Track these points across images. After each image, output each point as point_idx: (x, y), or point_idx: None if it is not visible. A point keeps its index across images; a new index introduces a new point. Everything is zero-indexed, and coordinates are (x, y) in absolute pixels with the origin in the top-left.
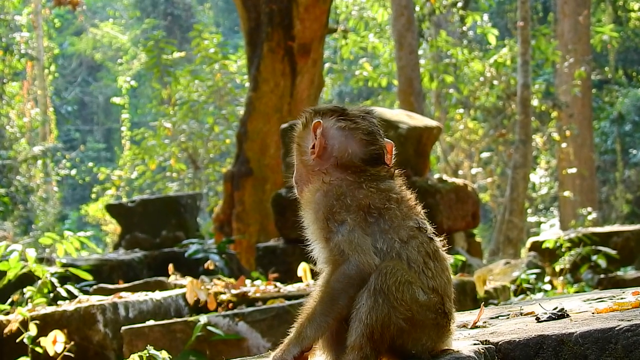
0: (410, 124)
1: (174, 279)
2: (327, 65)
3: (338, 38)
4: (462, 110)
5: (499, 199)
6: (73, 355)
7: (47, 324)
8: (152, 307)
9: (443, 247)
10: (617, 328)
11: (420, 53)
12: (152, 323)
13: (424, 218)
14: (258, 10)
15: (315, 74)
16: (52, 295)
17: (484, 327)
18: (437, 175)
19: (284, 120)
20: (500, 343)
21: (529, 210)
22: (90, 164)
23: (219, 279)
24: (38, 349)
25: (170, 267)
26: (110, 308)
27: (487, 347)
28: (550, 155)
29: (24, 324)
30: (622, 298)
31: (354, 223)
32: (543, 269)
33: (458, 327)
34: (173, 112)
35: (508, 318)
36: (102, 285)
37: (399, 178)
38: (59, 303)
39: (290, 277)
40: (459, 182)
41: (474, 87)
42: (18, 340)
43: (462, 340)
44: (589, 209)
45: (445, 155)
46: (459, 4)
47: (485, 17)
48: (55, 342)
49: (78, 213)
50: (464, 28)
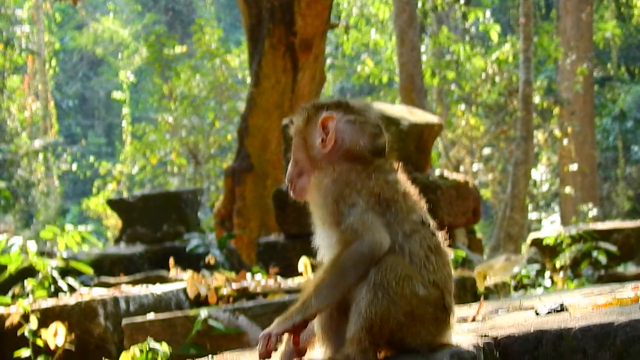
0: (412, 120)
1: (175, 273)
2: (328, 61)
3: (340, 34)
4: (463, 107)
5: (500, 196)
6: (74, 349)
7: (48, 317)
8: (152, 301)
9: (444, 242)
10: (616, 323)
11: (422, 49)
12: (152, 317)
13: (427, 213)
14: (259, 6)
15: (317, 70)
16: (53, 289)
17: (484, 321)
18: (438, 172)
19: (285, 116)
20: (500, 337)
21: (530, 207)
22: (91, 159)
23: (220, 274)
24: (39, 342)
25: (171, 261)
26: (111, 302)
27: (486, 341)
28: (552, 152)
29: (25, 317)
30: (621, 293)
31: (367, 206)
32: (543, 265)
33: (458, 321)
34: (174, 107)
35: (508, 312)
36: (103, 279)
37: (403, 173)
38: (60, 296)
39: (291, 272)
40: (460, 178)
41: (476, 83)
42: (19, 333)
43: (461, 335)
44: (590, 206)
45: (447, 152)
46: (461, 1)
47: (488, 13)
48: (56, 335)
49: (79, 207)
50: (466, 24)
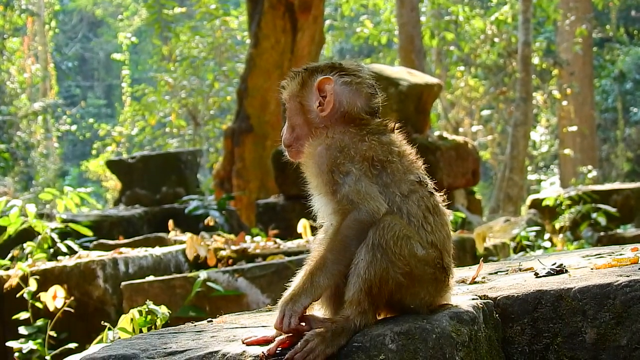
0: (411, 81)
1: (174, 235)
2: (327, 22)
3: None
4: (462, 68)
5: (500, 157)
6: (73, 311)
7: (47, 280)
8: (152, 262)
9: (443, 202)
10: (615, 283)
11: (422, 10)
12: (151, 279)
13: (425, 173)
14: None
15: (316, 31)
16: (52, 251)
17: (483, 282)
18: (437, 133)
19: (285, 77)
20: (499, 298)
21: (529, 168)
22: (91, 120)
23: (219, 235)
24: (38, 304)
25: (170, 223)
26: (110, 264)
27: (485, 302)
28: (551, 113)
29: (24, 279)
30: (621, 254)
31: (360, 173)
32: (543, 227)
33: (457, 282)
34: (173, 68)
35: (507, 274)
36: (102, 241)
37: (399, 133)
38: (59, 258)
39: (290, 233)
40: (460, 139)
41: (475, 44)
42: (18, 295)
43: (460, 295)
44: (589, 167)
45: (446, 113)
46: None
47: None
48: (55, 297)
49: (78, 169)
50: None
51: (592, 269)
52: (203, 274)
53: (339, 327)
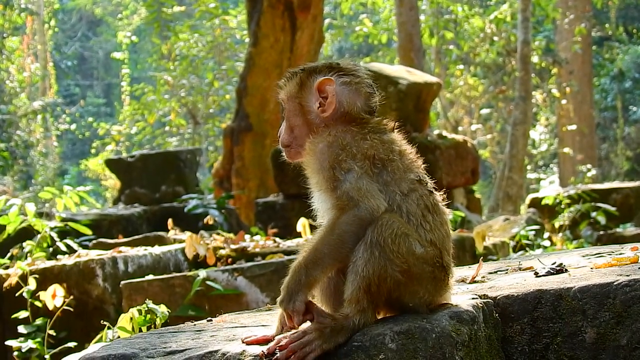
0: (410, 80)
1: (173, 234)
2: (327, 21)
3: None
4: (462, 67)
5: (499, 156)
6: (72, 309)
7: (46, 278)
8: (151, 261)
9: (442, 201)
10: (615, 283)
11: (421, 9)
12: (151, 277)
13: (424, 172)
14: None
15: (315, 30)
16: (51, 250)
17: (483, 281)
18: (436, 132)
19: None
20: (499, 297)
21: (529, 167)
22: (90, 119)
23: (218, 234)
24: (37, 303)
25: (170, 222)
26: (110, 262)
27: (485, 301)
28: (550, 112)
29: (24, 278)
30: (621, 253)
31: (361, 171)
32: (542, 226)
33: (457, 281)
34: (173, 67)
35: (507, 273)
36: (101, 240)
37: (399, 132)
38: (59, 257)
39: (290, 232)
40: (459, 138)
41: (474, 43)
42: (17, 294)
43: (460, 295)
44: (589, 166)
45: (445, 112)
46: None
47: None
48: (55, 296)
49: (78, 168)
50: None
51: (591, 269)
52: (202, 273)
53: (338, 324)
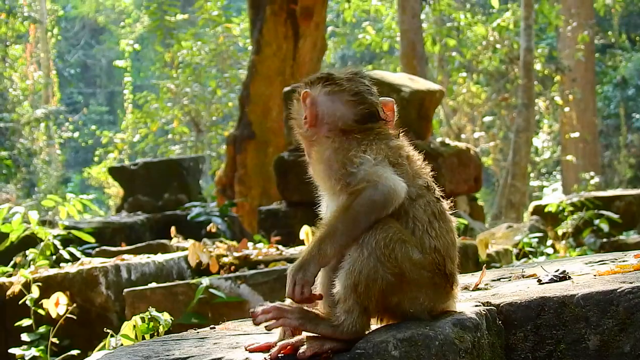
0: (413, 88)
1: (176, 242)
2: (329, 29)
3: (341, 1)
4: (464, 74)
5: (502, 163)
6: (75, 317)
7: (49, 286)
8: (154, 269)
9: (449, 209)
10: (618, 290)
11: (423, 17)
12: (154, 285)
13: (432, 179)
14: None
15: (318, 37)
16: (54, 258)
17: (486, 289)
18: (439, 139)
19: (287, 84)
20: (502, 305)
21: (532, 175)
22: (93, 127)
23: (221, 242)
24: (40, 311)
25: (173, 229)
26: (113, 270)
27: (488, 308)
28: (553, 120)
29: (27, 286)
30: (624, 261)
31: (376, 160)
32: (545, 233)
33: (460, 289)
34: (176, 75)
35: (510, 280)
36: (104, 248)
37: (405, 139)
38: (62, 265)
39: (292, 240)
40: (462, 145)
41: (477, 50)
42: (20, 302)
43: (463, 302)
44: (592, 173)
45: (448, 119)
46: None
47: None
48: (58, 304)
49: (81, 176)
50: None
51: (595, 276)
52: (205, 281)
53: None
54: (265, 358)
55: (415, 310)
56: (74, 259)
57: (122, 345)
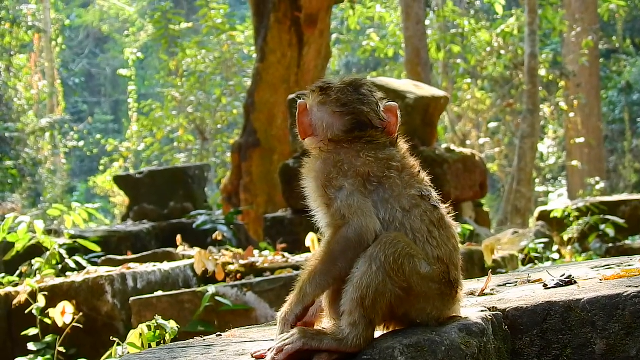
0: (418, 94)
1: (182, 250)
2: (334, 36)
3: (345, 8)
4: (469, 80)
5: (507, 169)
6: (82, 326)
7: (55, 295)
8: (160, 277)
9: (449, 214)
10: (624, 294)
11: (427, 23)
12: (160, 294)
13: (429, 186)
14: None
15: (323, 45)
16: (60, 267)
17: (492, 294)
18: (444, 145)
19: (292, 91)
20: (508, 310)
21: (537, 180)
22: (98, 136)
23: (227, 250)
24: (47, 320)
25: (179, 238)
26: (119, 279)
27: (494, 313)
28: (558, 125)
29: (33, 296)
30: (630, 265)
31: (352, 188)
32: (551, 239)
33: (466, 294)
34: (180, 83)
35: (516, 285)
36: (110, 257)
37: (404, 145)
38: (68, 274)
39: (298, 247)
40: (467, 152)
41: (481, 57)
42: (27, 312)
43: (469, 308)
44: (597, 179)
45: (453, 126)
46: None
47: None
48: (64, 313)
49: (86, 185)
50: None
51: (601, 280)
52: (211, 289)
53: (323, 332)
54: None
55: (422, 320)
56: (80, 268)
57: (128, 354)
